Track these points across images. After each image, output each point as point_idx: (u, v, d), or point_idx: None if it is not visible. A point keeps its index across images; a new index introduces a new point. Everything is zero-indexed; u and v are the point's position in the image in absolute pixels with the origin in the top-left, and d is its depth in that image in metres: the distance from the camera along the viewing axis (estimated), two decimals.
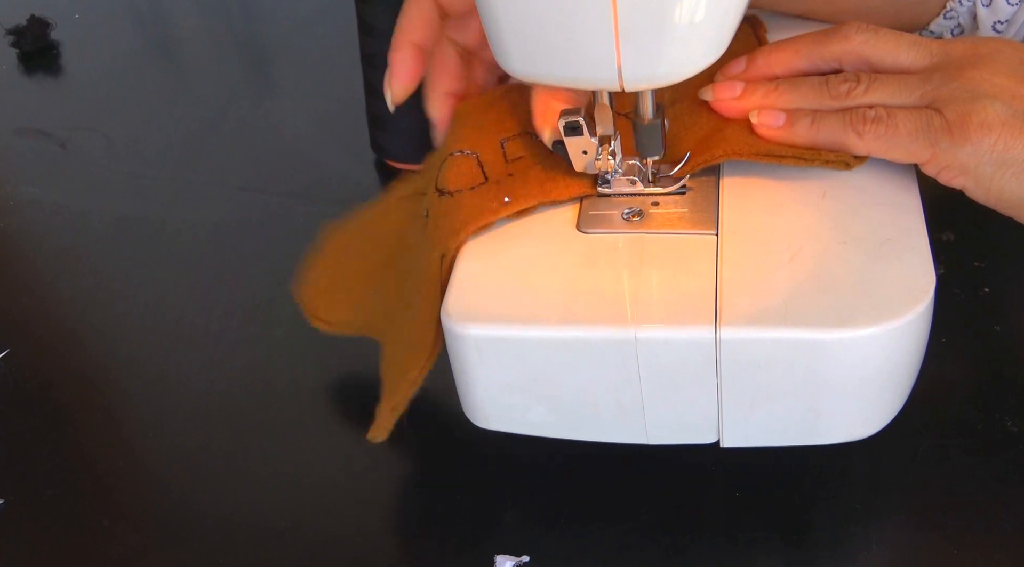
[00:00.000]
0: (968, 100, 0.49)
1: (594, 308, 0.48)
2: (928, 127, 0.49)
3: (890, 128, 0.50)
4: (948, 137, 0.49)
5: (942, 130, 0.49)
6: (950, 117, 0.49)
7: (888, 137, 0.50)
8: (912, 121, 0.50)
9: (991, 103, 0.48)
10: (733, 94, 0.54)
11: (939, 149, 0.49)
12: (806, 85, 0.53)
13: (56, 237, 0.79)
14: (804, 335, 0.46)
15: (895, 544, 0.52)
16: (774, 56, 0.55)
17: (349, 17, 0.77)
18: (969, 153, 0.48)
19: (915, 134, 0.49)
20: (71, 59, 1.00)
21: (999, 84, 0.49)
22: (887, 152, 0.51)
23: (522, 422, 0.52)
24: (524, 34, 0.47)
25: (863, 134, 0.50)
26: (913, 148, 0.50)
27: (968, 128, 0.48)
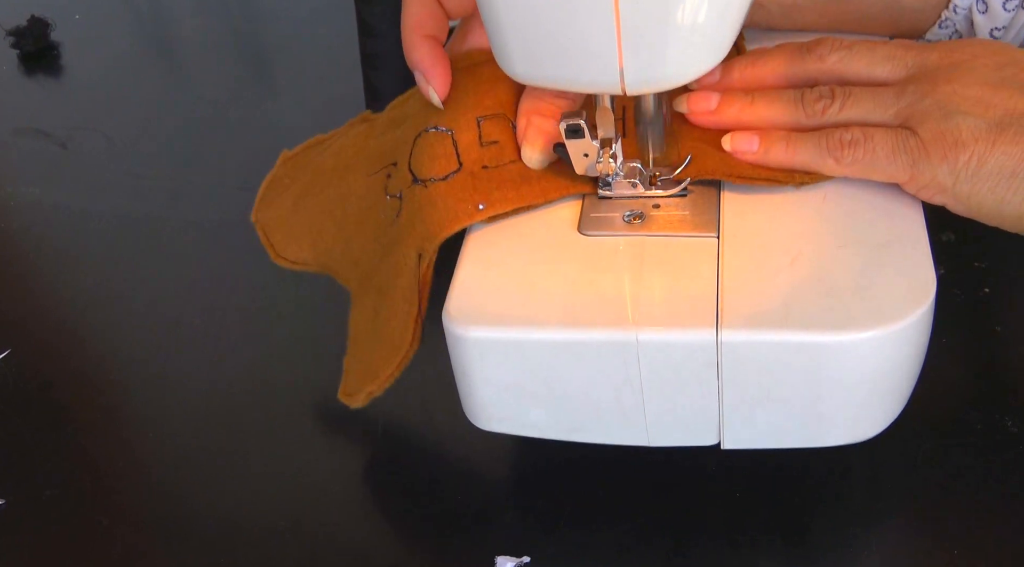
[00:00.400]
0: (942, 118, 0.48)
1: (595, 310, 0.48)
2: (905, 148, 0.49)
3: (868, 152, 0.50)
4: (925, 157, 0.48)
5: (918, 150, 0.49)
6: (925, 136, 0.49)
7: (866, 161, 0.50)
8: (889, 142, 0.49)
9: (964, 119, 0.48)
10: (708, 106, 0.54)
11: (917, 169, 0.49)
12: (781, 101, 0.53)
13: (56, 237, 0.79)
14: (805, 338, 0.46)
15: (895, 545, 0.52)
16: (750, 70, 0.55)
17: (349, 17, 0.77)
18: (946, 172, 0.48)
19: (893, 156, 0.49)
20: (71, 59, 1.00)
21: (972, 96, 0.49)
22: (866, 174, 0.50)
23: (523, 424, 0.52)
24: (526, 37, 0.47)
25: (840, 159, 0.50)
26: (891, 169, 0.50)
27: (943, 147, 0.48)
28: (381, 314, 0.55)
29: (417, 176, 0.54)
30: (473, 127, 0.55)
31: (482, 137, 0.55)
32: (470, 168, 0.54)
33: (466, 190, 0.53)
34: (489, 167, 0.54)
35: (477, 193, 0.53)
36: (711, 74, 0.55)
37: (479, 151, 0.54)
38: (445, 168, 0.54)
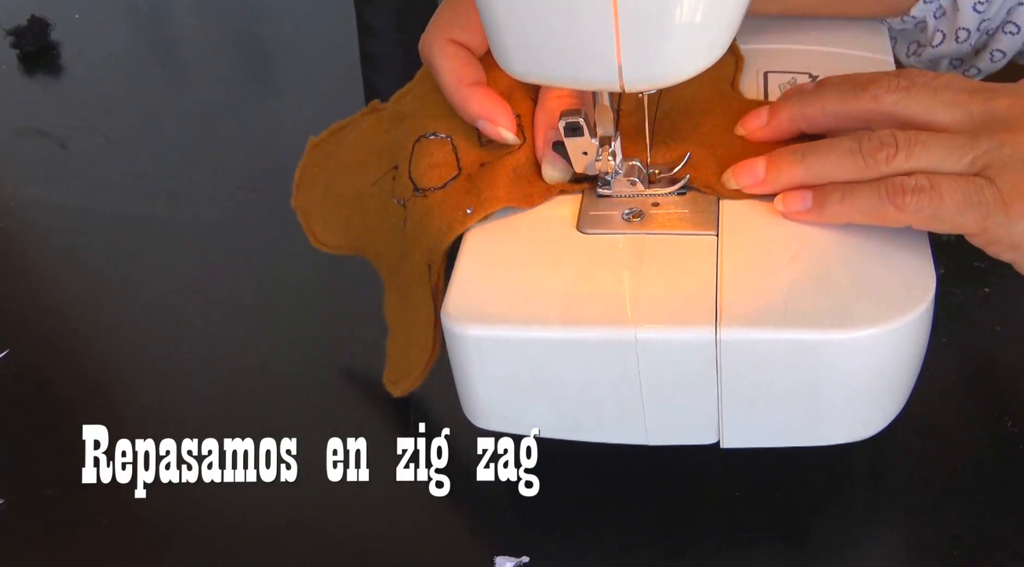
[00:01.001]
0: (1022, 166, 0.45)
1: (594, 308, 0.48)
2: (979, 199, 0.45)
3: (934, 200, 0.45)
4: (1003, 211, 0.44)
5: (995, 203, 0.44)
6: (1004, 188, 0.44)
7: (932, 210, 0.46)
8: (960, 191, 0.45)
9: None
10: (756, 177, 0.51)
11: (991, 223, 0.45)
12: (836, 152, 0.49)
13: (56, 237, 0.79)
14: (804, 336, 0.45)
15: (895, 544, 0.52)
16: (798, 110, 0.52)
17: (349, 17, 0.77)
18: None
19: (963, 207, 0.45)
20: (71, 59, 1.00)
21: None
22: (930, 225, 0.46)
23: (522, 422, 0.52)
24: (525, 34, 0.47)
25: (903, 207, 0.46)
26: (960, 221, 0.45)
27: (1023, 200, 0.44)
28: (407, 315, 0.56)
29: (418, 185, 0.55)
30: (471, 130, 0.55)
31: (481, 138, 0.55)
32: (468, 170, 0.54)
33: (460, 196, 0.53)
34: (487, 163, 0.54)
35: (470, 196, 0.53)
36: (758, 117, 0.53)
37: (478, 152, 0.54)
38: (444, 176, 0.54)
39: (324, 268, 0.72)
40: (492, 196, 0.53)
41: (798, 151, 0.50)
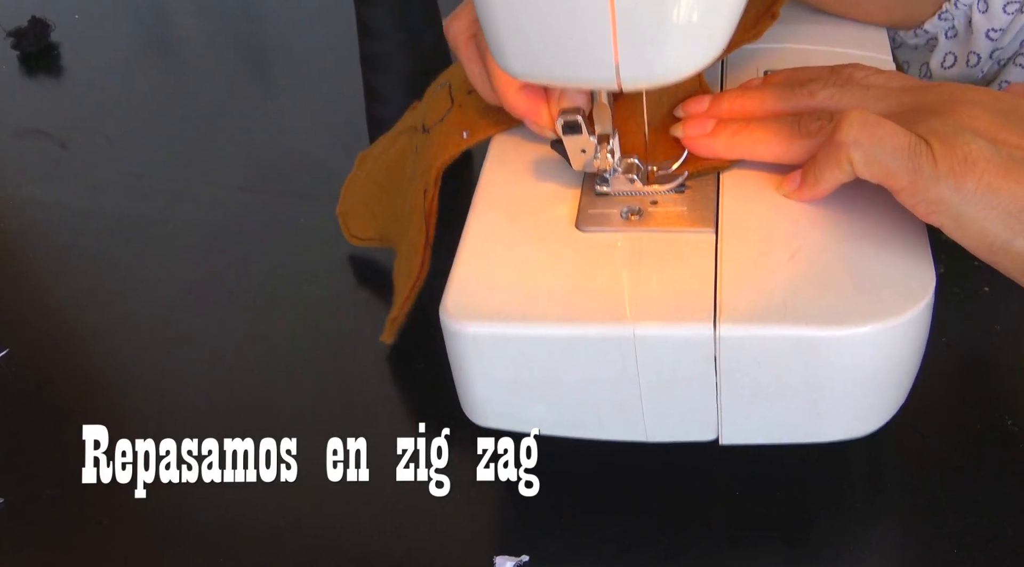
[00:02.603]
0: (952, 133, 0.46)
1: (593, 306, 0.48)
2: (914, 150, 0.46)
3: (876, 135, 0.46)
4: (932, 166, 0.45)
5: (927, 157, 0.46)
6: (935, 147, 0.46)
7: (870, 143, 0.46)
8: (899, 137, 0.46)
9: (975, 139, 0.45)
10: (704, 130, 0.53)
11: (920, 177, 0.46)
12: (777, 124, 0.52)
13: (56, 237, 0.79)
14: (803, 333, 0.45)
15: (895, 544, 0.52)
16: (739, 102, 0.54)
17: (349, 18, 0.77)
18: (951, 188, 0.45)
19: (899, 151, 0.46)
20: (71, 59, 1.00)
21: (981, 127, 0.47)
22: (867, 163, 0.47)
23: (521, 420, 0.52)
24: (522, 33, 0.47)
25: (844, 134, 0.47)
26: (894, 165, 0.46)
27: (953, 160, 0.45)
28: (404, 252, 0.62)
29: (425, 126, 0.60)
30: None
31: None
32: (459, 100, 0.58)
33: (455, 123, 0.58)
34: (474, 92, 0.57)
35: (464, 123, 0.57)
36: (699, 103, 0.55)
37: (467, 84, 0.57)
38: (442, 111, 0.58)
39: (324, 268, 0.72)
40: (485, 122, 0.57)
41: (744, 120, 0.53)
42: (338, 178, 0.79)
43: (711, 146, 0.53)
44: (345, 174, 0.79)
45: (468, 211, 0.55)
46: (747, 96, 0.54)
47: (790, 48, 0.62)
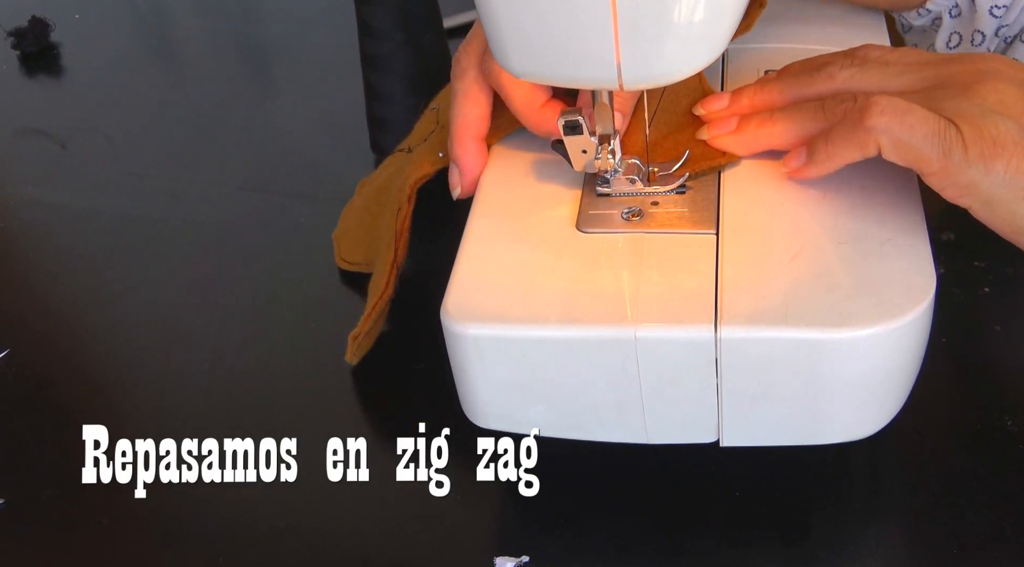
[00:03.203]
0: (979, 115, 0.46)
1: (594, 307, 0.48)
2: (944, 135, 0.46)
3: (905, 123, 0.46)
4: (962, 151, 0.46)
5: (957, 142, 0.46)
6: (965, 132, 0.46)
7: (902, 131, 0.46)
8: (929, 123, 0.46)
9: (1003, 121, 0.46)
10: (728, 128, 0.53)
11: (951, 161, 0.46)
12: (801, 111, 0.52)
13: (56, 237, 0.79)
14: (804, 335, 0.45)
15: (895, 544, 0.52)
16: (759, 97, 0.54)
17: (349, 17, 0.77)
18: (981, 172, 0.46)
19: (930, 137, 0.46)
20: (71, 59, 1.00)
21: (1007, 102, 0.47)
22: (896, 147, 0.47)
23: (522, 421, 0.52)
24: (524, 33, 0.47)
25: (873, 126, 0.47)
26: (925, 152, 0.46)
27: (983, 144, 0.45)
28: (377, 270, 0.63)
29: (410, 147, 0.61)
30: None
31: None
32: (444, 121, 0.59)
33: (435, 143, 0.59)
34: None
35: (443, 144, 0.58)
36: (719, 101, 0.55)
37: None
38: (427, 133, 0.60)
39: (324, 268, 0.72)
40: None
41: (768, 111, 0.53)
42: (338, 178, 0.79)
43: (738, 143, 0.53)
44: (345, 174, 0.80)
45: (468, 212, 0.55)
46: (766, 89, 0.54)
47: (790, 48, 0.62)
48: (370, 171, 0.79)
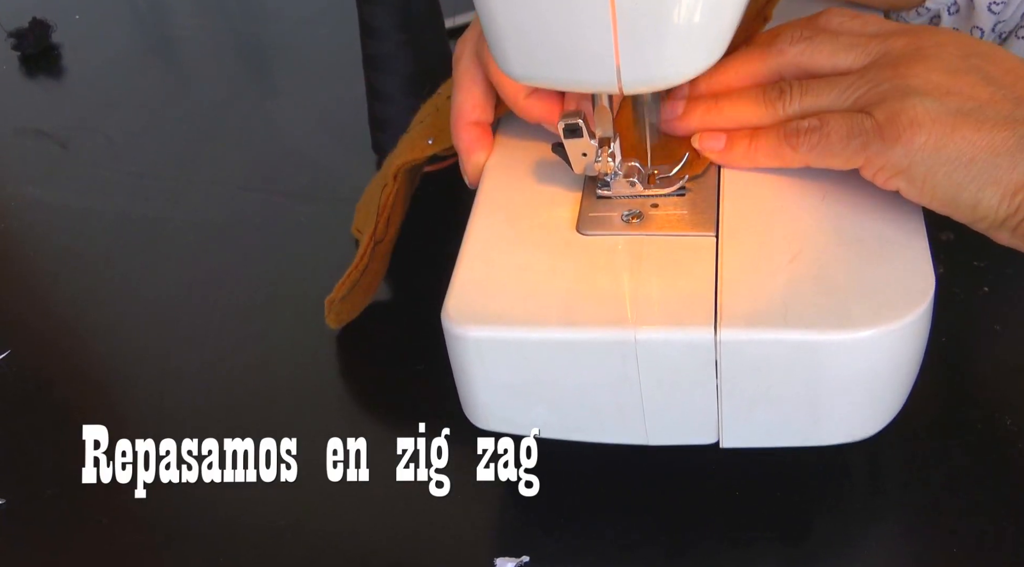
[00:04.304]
0: (898, 98, 0.48)
1: (594, 310, 0.48)
2: (860, 130, 0.48)
3: (823, 137, 0.49)
4: (879, 138, 0.47)
5: (873, 132, 0.48)
6: (880, 117, 0.48)
7: (822, 146, 0.49)
8: (843, 126, 0.49)
9: (921, 101, 0.47)
10: (675, 113, 0.54)
11: (871, 151, 0.48)
12: (744, 99, 0.53)
13: (56, 237, 0.79)
14: (804, 337, 0.45)
15: (895, 544, 0.52)
16: (715, 79, 0.55)
17: (349, 17, 0.77)
18: (901, 153, 0.47)
19: (847, 139, 0.49)
20: (71, 60, 1.00)
21: (933, 80, 0.48)
22: (824, 161, 0.50)
23: (522, 423, 0.52)
24: (523, 37, 0.47)
25: (797, 146, 0.50)
26: (847, 154, 0.49)
27: (898, 127, 0.47)
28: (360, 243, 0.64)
29: (409, 128, 0.62)
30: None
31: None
32: (440, 105, 0.60)
33: (428, 127, 0.60)
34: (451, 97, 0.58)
35: (433, 130, 0.59)
36: (679, 89, 0.55)
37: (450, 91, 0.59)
38: (423, 116, 0.61)
39: (324, 268, 0.72)
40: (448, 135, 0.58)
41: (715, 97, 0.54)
42: (338, 178, 0.79)
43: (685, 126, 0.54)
44: (345, 174, 0.80)
45: (469, 215, 0.55)
46: (720, 70, 0.54)
47: None
48: (371, 171, 0.80)
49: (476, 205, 0.55)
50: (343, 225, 0.75)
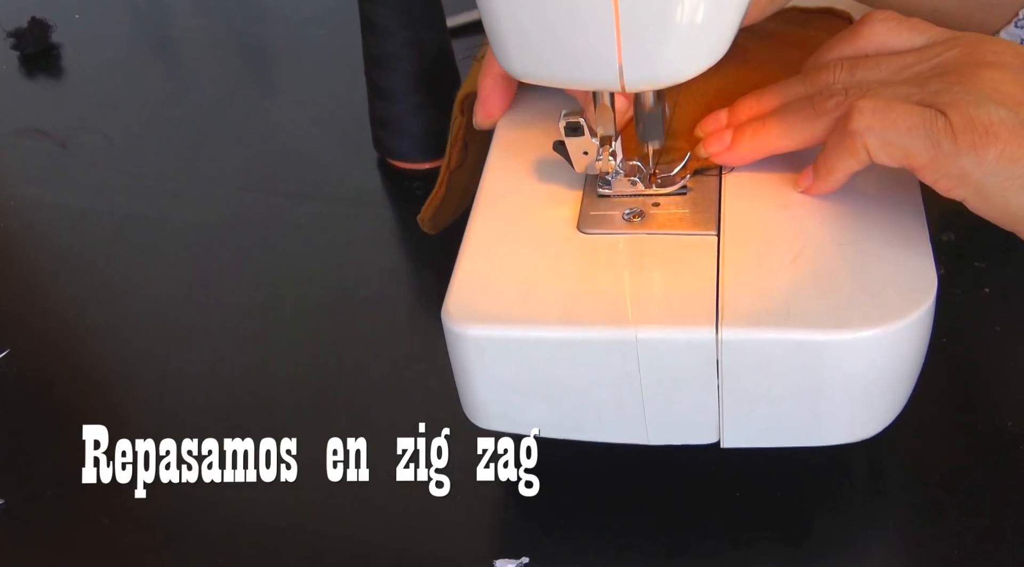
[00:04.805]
0: (973, 104, 0.45)
1: (595, 308, 0.48)
2: (931, 125, 0.45)
3: (886, 121, 0.46)
4: (951, 140, 0.45)
5: (945, 132, 0.45)
6: (954, 120, 0.45)
7: (883, 130, 0.46)
8: (913, 116, 0.46)
9: (996, 109, 0.45)
10: (724, 144, 0.52)
11: (940, 152, 0.45)
12: (790, 111, 0.51)
13: (56, 237, 0.79)
14: (805, 336, 0.45)
15: (895, 544, 0.52)
16: (756, 107, 0.53)
17: (349, 17, 0.77)
18: (973, 161, 0.44)
19: (914, 132, 0.45)
20: (71, 59, 1.00)
21: (1004, 90, 0.46)
22: (883, 147, 0.46)
23: (522, 422, 0.52)
24: (525, 35, 0.47)
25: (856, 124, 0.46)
26: (912, 146, 0.45)
27: (974, 134, 0.44)
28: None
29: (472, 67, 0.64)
30: None
31: None
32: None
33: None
34: None
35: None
36: (716, 118, 0.54)
37: None
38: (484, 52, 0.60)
39: (324, 268, 0.72)
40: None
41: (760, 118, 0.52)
42: (338, 178, 0.79)
43: (735, 156, 0.52)
44: (345, 174, 0.80)
45: (469, 214, 0.55)
46: (763, 97, 0.53)
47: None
48: (371, 171, 0.80)
49: (476, 204, 0.55)
50: (343, 225, 0.75)
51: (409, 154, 0.78)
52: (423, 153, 0.77)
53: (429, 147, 0.77)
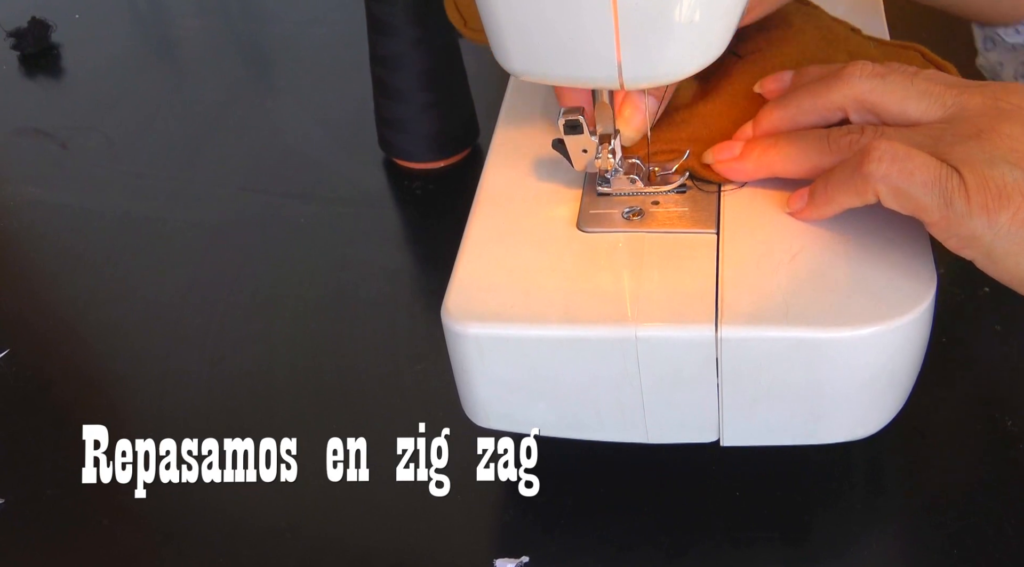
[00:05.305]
0: (986, 164, 0.44)
1: (594, 307, 0.48)
2: (946, 183, 0.44)
3: (904, 171, 0.44)
4: (964, 201, 0.43)
5: (959, 191, 0.43)
6: (968, 181, 0.43)
7: (901, 179, 0.44)
8: (930, 170, 0.44)
9: (1011, 170, 0.43)
10: (732, 154, 0.52)
11: (953, 212, 0.44)
12: (806, 140, 0.50)
13: (56, 237, 0.79)
14: (805, 334, 0.45)
15: (895, 544, 0.52)
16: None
17: (349, 17, 0.77)
18: (984, 224, 0.43)
19: (930, 185, 0.44)
20: (71, 59, 1.00)
21: (1020, 150, 0.44)
22: (895, 196, 0.45)
23: (522, 421, 0.52)
24: (524, 33, 0.47)
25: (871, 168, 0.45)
26: (926, 201, 0.44)
27: (987, 195, 0.43)
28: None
29: None
30: None
31: None
32: None
33: None
34: None
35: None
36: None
37: None
38: None
39: (324, 268, 0.72)
40: None
41: (772, 136, 0.51)
42: (338, 178, 0.79)
43: (742, 169, 0.52)
44: (346, 174, 0.80)
45: (469, 212, 0.55)
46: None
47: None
48: (371, 171, 0.80)
49: (476, 202, 0.55)
50: (343, 225, 0.75)
51: (416, 154, 0.78)
52: (430, 153, 0.77)
53: (436, 147, 0.77)
